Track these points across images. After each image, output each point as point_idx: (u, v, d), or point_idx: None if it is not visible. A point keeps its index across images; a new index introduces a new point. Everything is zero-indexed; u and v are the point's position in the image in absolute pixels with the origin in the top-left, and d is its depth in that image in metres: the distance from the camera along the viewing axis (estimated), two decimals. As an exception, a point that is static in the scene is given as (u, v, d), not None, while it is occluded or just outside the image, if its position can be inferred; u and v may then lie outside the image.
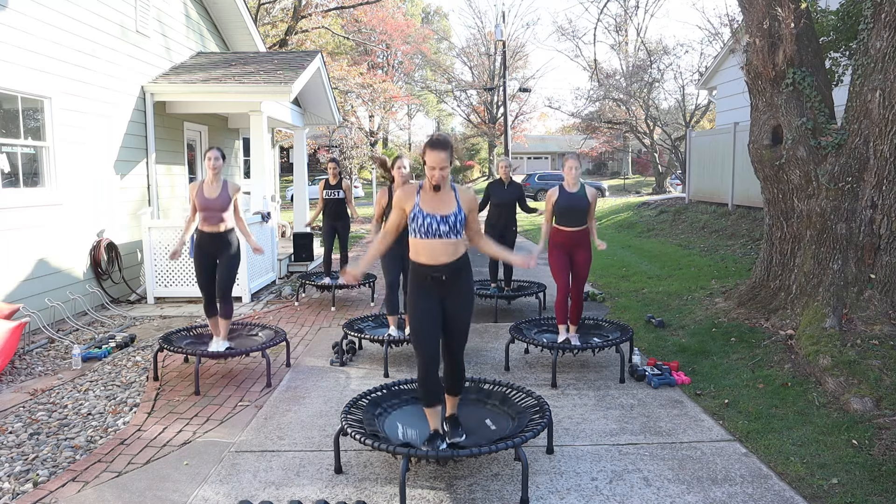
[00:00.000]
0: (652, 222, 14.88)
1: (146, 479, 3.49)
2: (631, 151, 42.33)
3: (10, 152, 6.41)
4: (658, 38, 45.46)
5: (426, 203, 3.41)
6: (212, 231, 5.15)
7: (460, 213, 3.42)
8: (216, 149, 5.18)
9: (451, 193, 3.45)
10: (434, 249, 3.40)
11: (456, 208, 3.41)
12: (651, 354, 5.58)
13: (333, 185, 8.30)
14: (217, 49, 11.51)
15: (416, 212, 3.40)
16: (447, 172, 3.40)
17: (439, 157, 3.33)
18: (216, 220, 5.15)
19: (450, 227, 3.38)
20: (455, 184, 3.56)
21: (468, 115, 42.57)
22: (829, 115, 5.90)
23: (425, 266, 3.43)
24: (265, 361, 5.07)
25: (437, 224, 3.37)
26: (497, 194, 7.39)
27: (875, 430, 3.85)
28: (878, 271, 5.31)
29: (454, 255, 3.43)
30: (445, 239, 3.39)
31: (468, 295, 3.53)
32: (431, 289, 3.46)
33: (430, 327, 3.43)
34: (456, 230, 3.41)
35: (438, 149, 3.34)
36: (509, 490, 3.31)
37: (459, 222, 3.41)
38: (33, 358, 5.66)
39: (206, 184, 5.17)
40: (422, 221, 3.38)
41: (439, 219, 3.37)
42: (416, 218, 3.40)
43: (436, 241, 3.39)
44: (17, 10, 6.25)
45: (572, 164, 5.32)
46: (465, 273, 3.51)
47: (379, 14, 26.99)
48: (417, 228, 3.40)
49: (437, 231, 3.37)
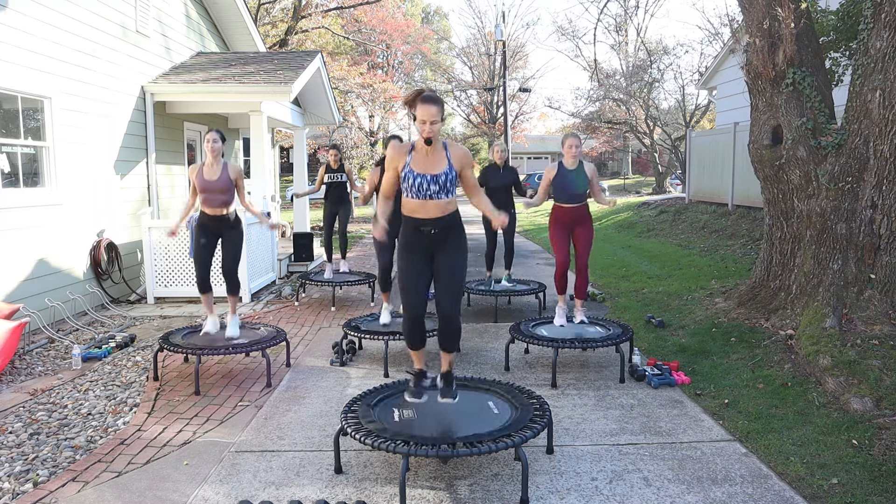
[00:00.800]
0: (652, 222, 14.88)
1: (146, 479, 3.49)
2: (631, 151, 42.33)
3: (10, 152, 6.41)
4: (658, 38, 45.46)
5: (417, 163, 3.42)
6: (214, 213, 5.17)
7: (451, 171, 3.43)
8: (216, 130, 5.20)
9: (442, 152, 3.45)
10: (425, 208, 3.44)
11: (447, 167, 3.42)
12: (651, 354, 5.58)
13: (335, 170, 8.36)
14: (217, 49, 11.51)
15: (407, 171, 3.42)
16: (438, 127, 3.40)
17: (430, 110, 3.34)
18: (218, 203, 5.16)
19: (440, 186, 3.39)
20: (447, 141, 3.56)
21: (468, 115, 42.57)
22: (829, 115, 5.90)
23: (416, 219, 3.47)
24: (265, 361, 5.08)
25: (427, 184, 3.38)
26: (493, 178, 7.40)
27: (875, 430, 3.85)
28: (878, 271, 5.31)
29: (445, 211, 3.47)
30: (436, 199, 3.41)
31: (460, 249, 3.55)
32: (421, 243, 3.50)
33: (418, 277, 3.50)
34: (447, 189, 3.43)
35: (429, 102, 3.35)
36: (509, 490, 3.31)
37: (450, 181, 3.43)
38: (33, 358, 5.66)
39: (206, 166, 5.19)
40: (412, 181, 3.40)
41: (430, 178, 3.38)
42: (406, 177, 3.42)
43: (427, 201, 3.42)
44: (17, 10, 6.25)
45: (572, 143, 5.42)
46: (455, 228, 3.54)
47: (379, 14, 26.99)
48: (409, 188, 3.43)
49: (427, 191, 3.39)
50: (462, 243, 3.57)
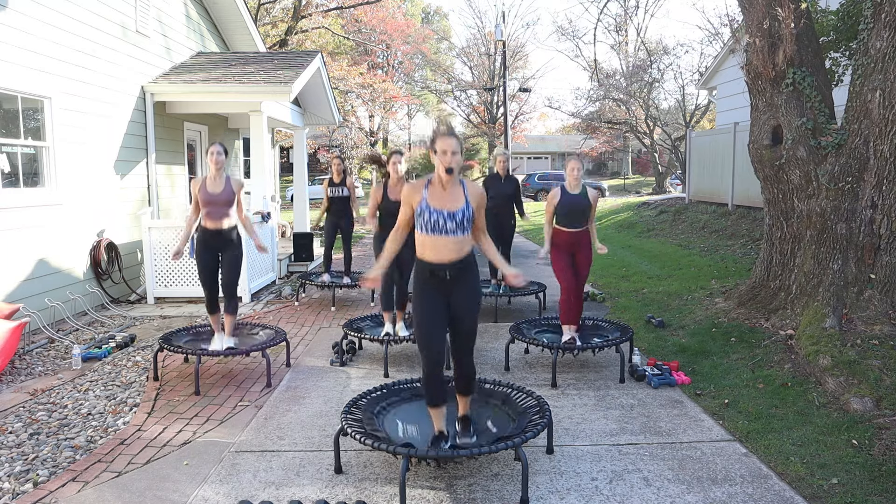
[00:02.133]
0: (652, 222, 14.88)
1: (146, 479, 3.49)
2: (631, 151, 42.33)
3: (10, 152, 6.41)
4: (658, 38, 45.45)
5: (434, 198, 3.36)
6: (215, 227, 5.14)
7: (468, 209, 3.36)
8: (219, 144, 5.19)
9: (459, 188, 3.40)
10: (440, 246, 3.35)
11: (464, 204, 3.36)
12: (651, 354, 5.58)
13: (338, 184, 8.32)
14: (217, 49, 11.51)
15: (423, 207, 3.34)
16: (459, 159, 3.35)
17: (450, 142, 3.32)
18: (220, 216, 5.15)
19: (457, 223, 3.33)
20: (463, 179, 3.53)
21: (468, 115, 42.55)
22: (829, 115, 5.90)
23: (430, 263, 3.38)
24: (265, 361, 5.07)
25: (444, 220, 3.31)
26: (494, 188, 7.41)
27: (875, 430, 3.85)
28: (878, 271, 5.31)
29: (460, 252, 3.38)
30: (452, 236, 3.33)
31: (475, 294, 3.48)
32: (436, 287, 3.41)
33: (435, 328, 3.39)
34: (463, 227, 3.35)
35: (449, 136, 3.34)
36: (509, 490, 3.31)
37: (467, 219, 3.36)
38: (33, 358, 5.66)
39: (209, 179, 5.17)
40: (428, 217, 3.33)
41: (447, 215, 3.32)
42: (422, 213, 3.34)
43: (442, 237, 3.33)
44: (17, 10, 6.25)
45: (574, 166, 5.34)
46: (471, 271, 3.46)
47: (379, 14, 26.98)
48: (424, 224, 3.35)
49: (443, 227, 3.32)
50: (477, 286, 3.49)
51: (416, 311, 3.44)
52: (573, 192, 5.36)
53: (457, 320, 3.44)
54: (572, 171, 5.35)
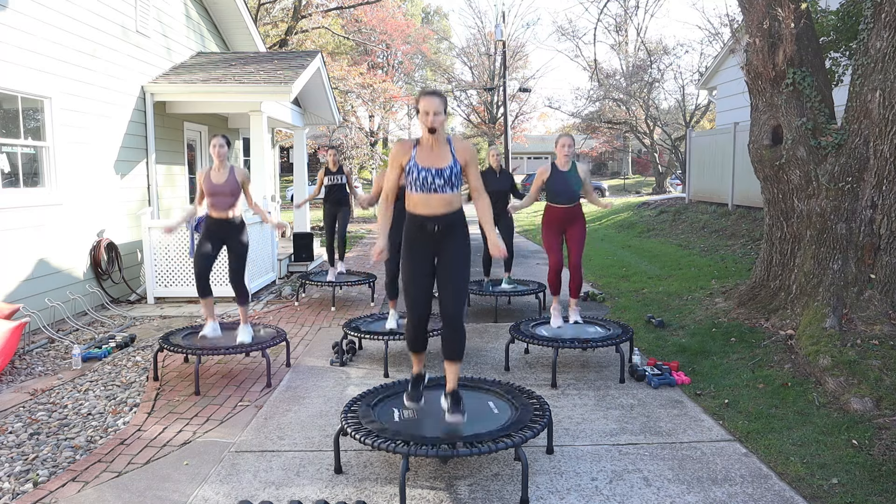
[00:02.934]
0: (652, 222, 14.88)
1: (146, 479, 3.49)
2: (631, 151, 42.33)
3: (10, 152, 6.41)
4: (658, 38, 45.45)
5: (422, 157, 3.45)
6: (220, 217, 5.19)
7: (456, 165, 3.46)
8: (221, 136, 5.23)
9: (446, 146, 3.49)
10: (430, 202, 3.45)
11: (451, 161, 3.45)
12: (651, 354, 5.58)
13: (334, 172, 8.39)
14: (217, 49, 11.51)
15: (412, 165, 3.44)
16: (441, 119, 3.43)
17: (432, 101, 3.39)
18: (225, 206, 5.19)
19: (445, 180, 3.42)
20: (451, 136, 3.58)
21: (468, 115, 42.55)
22: (829, 115, 5.90)
23: (420, 216, 3.47)
24: (265, 361, 5.08)
25: (432, 177, 3.41)
26: (490, 183, 7.41)
27: (875, 430, 3.85)
28: (878, 271, 5.31)
29: (450, 207, 3.48)
30: (441, 193, 3.43)
31: (464, 247, 3.54)
32: (425, 241, 3.49)
33: (420, 283, 3.50)
34: (451, 184, 3.45)
35: (431, 95, 3.43)
36: (509, 490, 3.31)
37: (455, 175, 3.45)
38: (33, 358, 5.66)
39: (213, 170, 5.23)
40: (417, 175, 3.42)
41: (434, 172, 3.41)
42: (411, 171, 3.44)
43: (431, 195, 3.43)
44: (18, 10, 6.25)
45: (565, 142, 5.39)
46: (459, 224, 3.54)
47: (379, 14, 26.97)
48: (413, 182, 3.45)
49: (432, 185, 3.41)
50: (466, 241, 3.56)
51: (405, 268, 3.52)
52: (563, 168, 5.42)
53: (445, 271, 3.49)
54: (563, 147, 5.39)
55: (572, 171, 5.45)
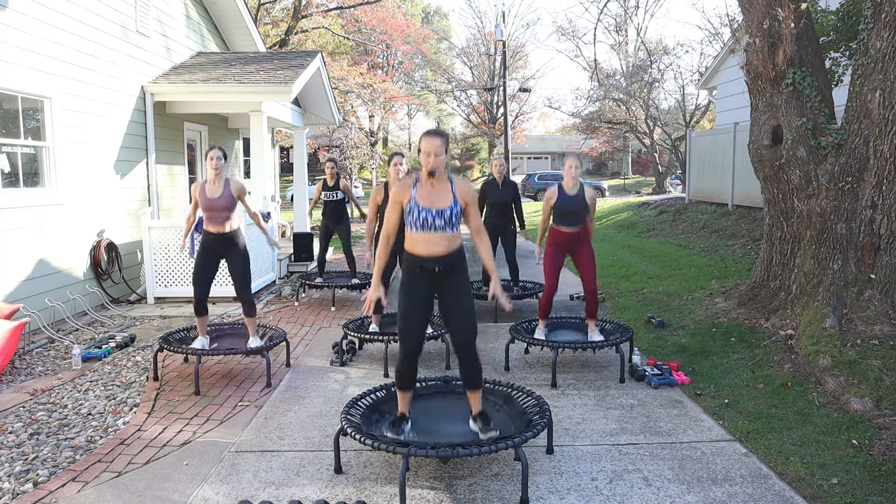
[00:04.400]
0: (652, 222, 14.87)
1: (146, 479, 3.49)
2: (631, 151, 42.32)
3: (10, 152, 6.41)
4: (658, 38, 45.45)
5: (422, 196, 3.43)
6: (217, 231, 5.14)
7: (456, 206, 3.43)
8: (218, 148, 5.18)
9: (447, 186, 3.47)
10: (429, 242, 3.42)
11: (452, 202, 3.42)
12: (651, 354, 5.58)
13: (331, 187, 8.23)
14: (217, 49, 11.51)
15: (412, 205, 3.42)
16: (442, 160, 3.41)
17: (433, 143, 3.37)
18: (220, 220, 5.13)
19: (445, 221, 3.40)
20: (452, 176, 3.57)
21: (468, 115, 42.55)
22: (829, 115, 5.90)
23: (419, 257, 3.45)
24: (265, 361, 5.08)
25: (432, 218, 3.38)
26: (492, 195, 7.39)
27: (875, 430, 3.85)
28: (878, 271, 5.31)
29: (449, 247, 3.45)
30: (441, 233, 3.41)
31: (465, 281, 3.54)
32: (424, 282, 3.48)
33: (416, 321, 3.49)
34: (451, 224, 3.43)
35: (432, 136, 3.40)
36: (509, 490, 3.31)
37: (455, 216, 3.43)
38: (33, 358, 5.66)
39: (208, 183, 5.16)
40: (417, 215, 3.40)
41: (435, 213, 3.38)
42: (411, 211, 3.42)
43: (431, 234, 3.40)
44: (18, 10, 6.25)
45: (572, 164, 5.30)
46: (460, 265, 3.52)
47: (379, 14, 26.97)
48: (413, 222, 3.42)
49: (432, 225, 3.39)
50: (467, 279, 3.54)
51: (402, 301, 3.52)
52: (570, 192, 5.29)
53: (454, 314, 3.48)
54: (570, 169, 5.30)
55: (580, 194, 5.30)
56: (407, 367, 3.54)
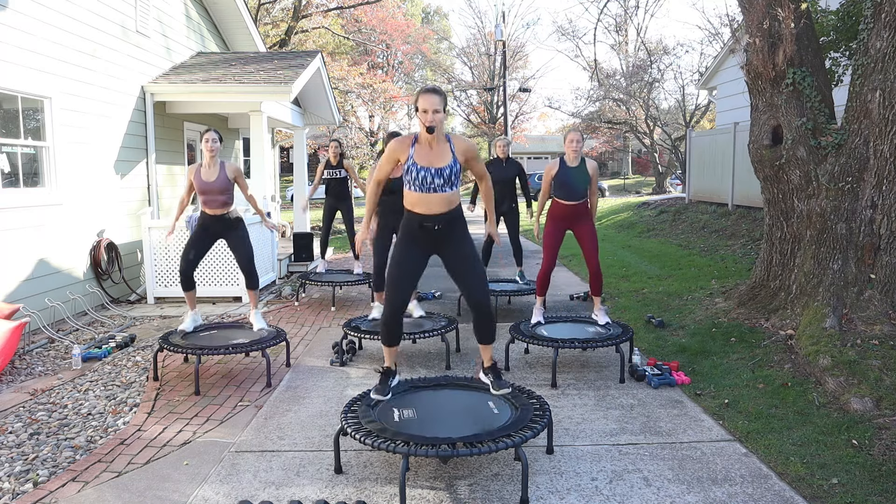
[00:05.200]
0: (652, 222, 14.88)
1: (146, 479, 3.49)
2: (631, 151, 42.32)
3: (10, 152, 6.41)
4: (658, 38, 45.43)
5: (420, 156, 3.41)
6: (214, 213, 5.16)
7: (455, 164, 3.43)
8: (213, 130, 5.19)
9: (445, 145, 3.45)
10: (429, 201, 3.43)
11: (451, 160, 3.42)
12: (651, 354, 5.58)
13: (335, 166, 8.37)
14: (217, 49, 11.51)
15: (410, 164, 3.41)
16: (440, 117, 3.40)
17: (432, 99, 3.35)
18: (217, 203, 5.15)
19: (444, 179, 3.40)
20: (451, 135, 3.56)
21: (468, 115, 42.56)
22: (829, 115, 5.90)
23: (419, 215, 3.46)
24: (265, 361, 5.08)
25: (431, 177, 3.38)
26: (496, 172, 7.43)
27: (875, 430, 3.85)
28: (878, 271, 5.31)
29: (449, 205, 3.47)
30: (440, 192, 3.41)
31: (468, 240, 3.57)
32: (424, 239, 3.49)
33: (406, 276, 3.51)
34: (451, 182, 3.43)
35: (430, 93, 3.38)
36: (509, 490, 3.31)
37: (454, 174, 3.43)
38: (33, 358, 5.66)
39: (203, 166, 5.17)
40: (416, 174, 3.39)
41: (434, 172, 3.38)
42: (409, 170, 3.41)
43: (431, 194, 3.41)
44: (18, 10, 6.25)
45: (573, 138, 5.32)
46: (459, 220, 3.55)
47: (379, 14, 26.97)
48: (412, 181, 3.41)
49: (431, 184, 3.39)
50: (467, 234, 3.57)
51: (394, 257, 3.53)
52: (572, 164, 5.33)
53: (460, 266, 3.52)
54: (571, 142, 5.32)
55: (581, 167, 5.35)
56: (393, 321, 3.59)
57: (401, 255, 3.52)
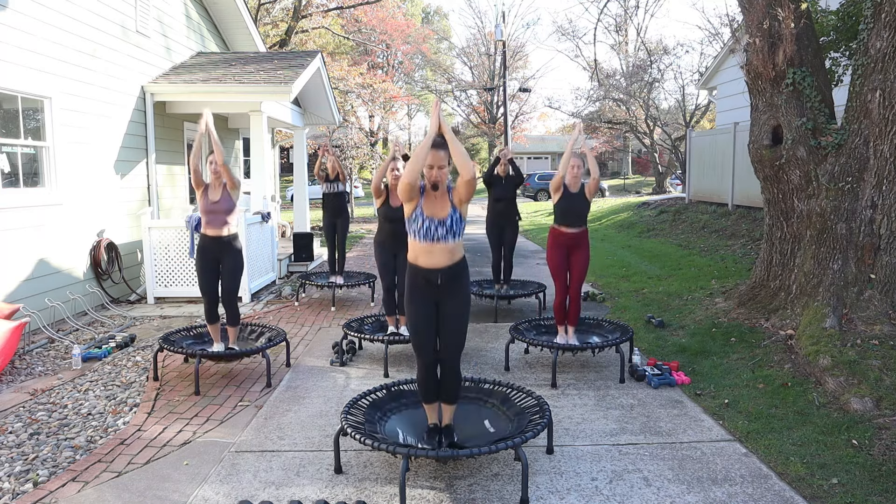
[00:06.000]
0: (652, 222, 14.87)
1: (146, 479, 3.49)
2: (631, 151, 42.32)
3: (10, 152, 6.41)
4: (658, 38, 45.41)
5: (427, 205, 3.43)
6: (215, 235, 5.13)
7: (455, 212, 3.44)
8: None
9: (446, 195, 3.47)
10: (432, 253, 3.42)
11: (451, 209, 3.44)
12: (651, 354, 5.58)
13: (333, 179, 8.34)
14: (217, 49, 11.51)
15: (418, 213, 3.43)
16: (445, 173, 3.42)
17: (438, 156, 3.36)
18: (219, 223, 5.13)
19: (447, 229, 3.41)
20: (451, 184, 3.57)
21: (468, 115, 42.56)
22: (829, 115, 5.90)
23: (423, 268, 3.46)
24: (265, 361, 5.07)
25: (434, 227, 3.39)
26: (497, 190, 7.42)
27: (875, 430, 3.85)
28: (878, 271, 5.31)
29: (452, 258, 3.46)
30: (443, 243, 3.42)
31: (465, 299, 3.54)
32: (428, 292, 3.48)
33: (427, 332, 3.49)
34: (454, 232, 3.43)
35: (437, 148, 3.36)
36: (509, 490, 3.31)
37: (455, 223, 3.43)
38: (33, 358, 5.66)
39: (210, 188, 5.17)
40: (421, 224, 3.40)
41: (437, 222, 3.39)
42: (416, 219, 3.42)
43: (434, 244, 3.41)
44: (18, 10, 6.25)
45: (575, 163, 5.32)
46: (462, 277, 3.52)
47: (379, 14, 26.95)
48: (417, 231, 3.42)
49: (434, 234, 3.40)
50: (467, 293, 3.55)
51: (410, 316, 3.53)
52: (573, 190, 5.35)
53: (446, 324, 3.50)
54: (573, 168, 5.32)
55: (580, 192, 5.34)
56: (427, 377, 3.55)
57: (415, 315, 3.51)
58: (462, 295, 3.51)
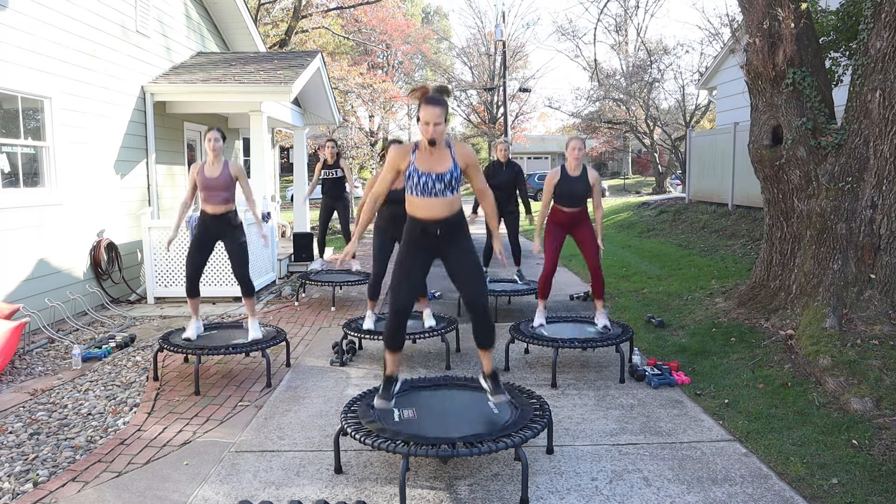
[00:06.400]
0: (652, 222, 14.87)
1: (146, 479, 3.49)
2: (631, 151, 42.33)
3: (10, 152, 6.41)
4: (658, 38, 45.42)
5: (421, 162, 3.45)
6: (214, 212, 5.13)
7: (456, 169, 3.47)
8: (216, 129, 5.20)
9: (446, 151, 3.49)
10: (430, 206, 3.46)
11: (451, 165, 3.46)
12: (651, 354, 5.58)
13: (331, 165, 8.41)
14: (217, 49, 11.51)
15: (412, 170, 3.45)
16: (442, 128, 3.42)
17: (434, 112, 3.37)
18: (219, 200, 5.13)
19: (445, 184, 3.44)
20: (451, 141, 3.59)
21: (468, 115, 42.56)
22: (829, 115, 5.90)
23: (421, 220, 3.49)
24: (265, 361, 5.08)
25: (432, 182, 3.42)
26: (496, 176, 7.45)
27: (875, 430, 3.85)
28: (878, 271, 5.31)
29: (450, 210, 3.49)
30: (441, 197, 3.44)
31: (469, 243, 3.58)
32: (427, 243, 3.52)
33: (410, 281, 3.52)
34: (451, 187, 3.47)
35: (433, 104, 3.38)
36: (509, 490, 3.31)
37: (455, 179, 3.46)
38: (33, 358, 5.66)
39: (206, 164, 5.18)
40: (417, 180, 3.43)
41: (435, 177, 3.42)
42: (411, 176, 3.45)
43: (431, 198, 3.44)
44: (18, 10, 6.25)
45: (575, 145, 5.32)
46: (462, 226, 3.57)
47: (379, 14, 26.95)
48: (413, 187, 3.46)
49: (432, 189, 3.43)
50: (469, 240, 3.62)
51: (398, 262, 3.55)
52: (573, 173, 5.33)
53: (461, 270, 3.55)
54: (573, 150, 5.30)
55: (582, 175, 5.35)
56: (396, 325, 3.57)
57: (404, 257, 3.55)
58: (466, 240, 3.58)
